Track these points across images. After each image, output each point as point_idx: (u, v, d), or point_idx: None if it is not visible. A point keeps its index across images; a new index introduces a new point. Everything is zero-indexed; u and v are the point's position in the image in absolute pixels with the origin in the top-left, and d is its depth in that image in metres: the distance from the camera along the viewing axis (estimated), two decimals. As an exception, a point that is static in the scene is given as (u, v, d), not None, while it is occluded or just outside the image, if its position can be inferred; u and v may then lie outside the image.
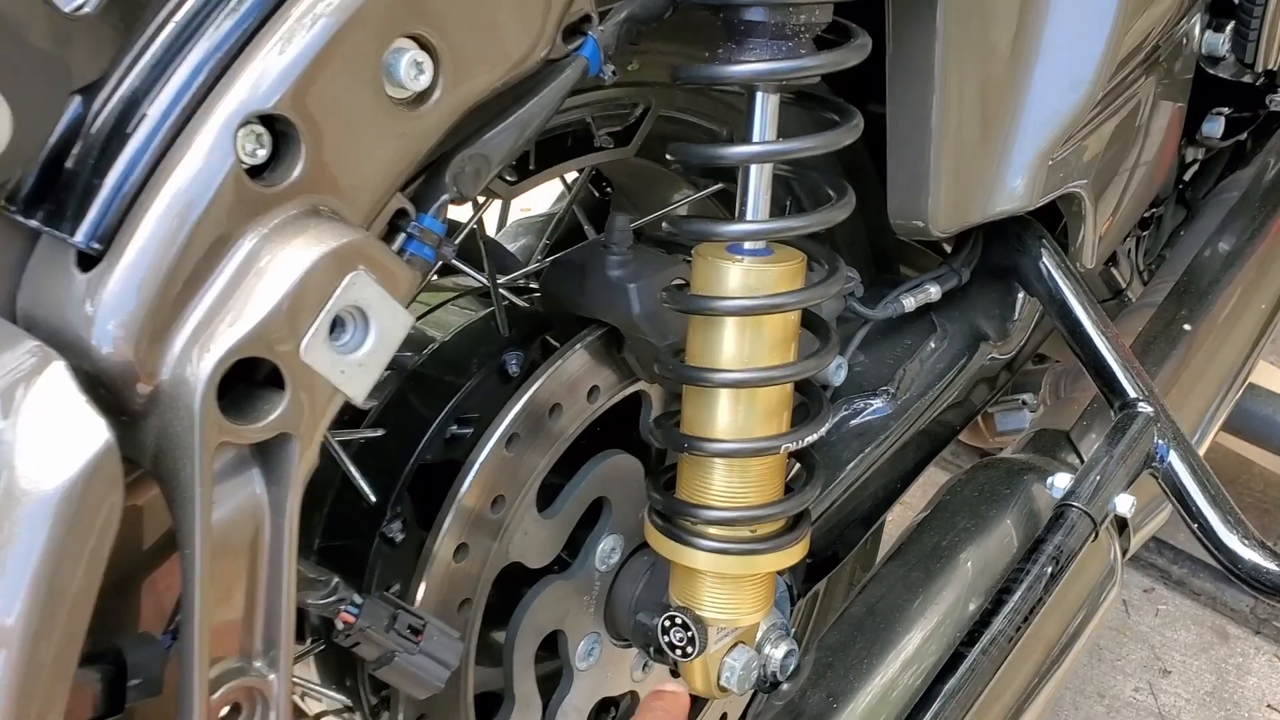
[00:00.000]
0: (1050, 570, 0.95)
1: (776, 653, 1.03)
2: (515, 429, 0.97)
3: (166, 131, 0.59)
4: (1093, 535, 0.99)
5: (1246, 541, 1.01)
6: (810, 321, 0.94)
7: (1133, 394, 1.09)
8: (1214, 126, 1.54)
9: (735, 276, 0.86)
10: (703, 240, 0.87)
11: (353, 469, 1.01)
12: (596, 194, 1.48)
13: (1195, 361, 1.33)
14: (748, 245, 0.87)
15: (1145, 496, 1.21)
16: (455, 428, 1.07)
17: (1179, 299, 1.40)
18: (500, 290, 1.14)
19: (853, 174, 1.26)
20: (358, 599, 0.77)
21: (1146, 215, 1.60)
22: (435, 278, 1.32)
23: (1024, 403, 1.46)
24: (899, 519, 1.24)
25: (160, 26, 0.61)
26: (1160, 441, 1.06)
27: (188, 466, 0.60)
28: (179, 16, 0.61)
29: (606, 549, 1.09)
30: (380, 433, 1.07)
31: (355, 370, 0.65)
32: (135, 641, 0.66)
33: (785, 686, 1.04)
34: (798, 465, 1.01)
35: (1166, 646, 1.97)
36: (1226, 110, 1.52)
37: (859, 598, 1.10)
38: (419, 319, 1.18)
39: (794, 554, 0.95)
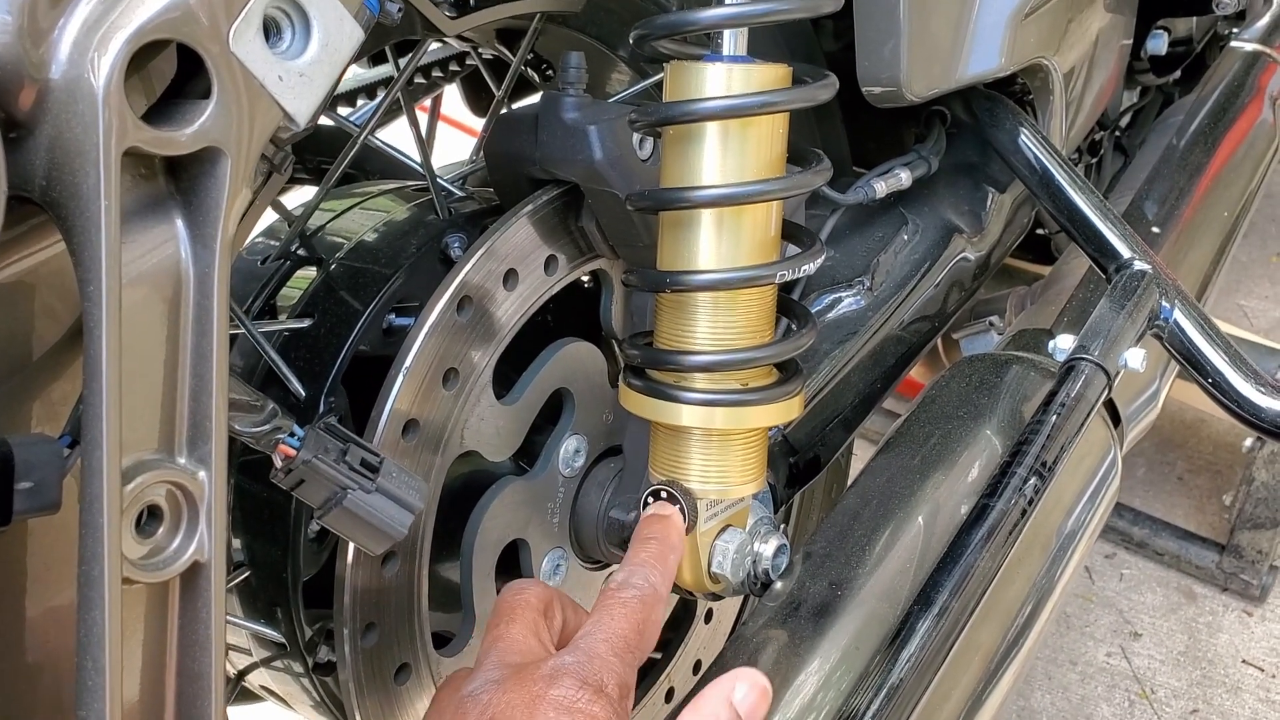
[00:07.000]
0: (1065, 420, 0.86)
1: (766, 548, 0.92)
2: (467, 291, 0.86)
3: None
4: (1107, 388, 0.90)
5: (1263, 389, 0.93)
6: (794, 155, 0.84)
7: (1127, 254, 1.01)
8: (1158, 43, 1.50)
9: (717, 77, 0.76)
10: (677, 31, 0.77)
11: (277, 358, 0.89)
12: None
13: (1172, 258, 1.27)
14: (727, 49, 0.78)
15: (1133, 388, 1.14)
16: (394, 317, 0.96)
17: (1141, 205, 1.34)
18: (437, 177, 1.04)
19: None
20: (298, 428, 0.65)
21: (1096, 138, 1.55)
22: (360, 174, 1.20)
23: (990, 324, 1.38)
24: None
25: None
26: (1163, 301, 0.99)
27: (90, 175, 0.48)
28: None
29: (570, 450, 0.98)
30: (307, 323, 0.95)
31: (296, 80, 0.53)
32: (26, 439, 0.53)
33: (778, 586, 0.93)
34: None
35: (1134, 610, 1.89)
36: (1168, 28, 1.48)
37: (851, 491, 1.00)
38: (343, 213, 1.06)
39: (787, 409, 0.84)
